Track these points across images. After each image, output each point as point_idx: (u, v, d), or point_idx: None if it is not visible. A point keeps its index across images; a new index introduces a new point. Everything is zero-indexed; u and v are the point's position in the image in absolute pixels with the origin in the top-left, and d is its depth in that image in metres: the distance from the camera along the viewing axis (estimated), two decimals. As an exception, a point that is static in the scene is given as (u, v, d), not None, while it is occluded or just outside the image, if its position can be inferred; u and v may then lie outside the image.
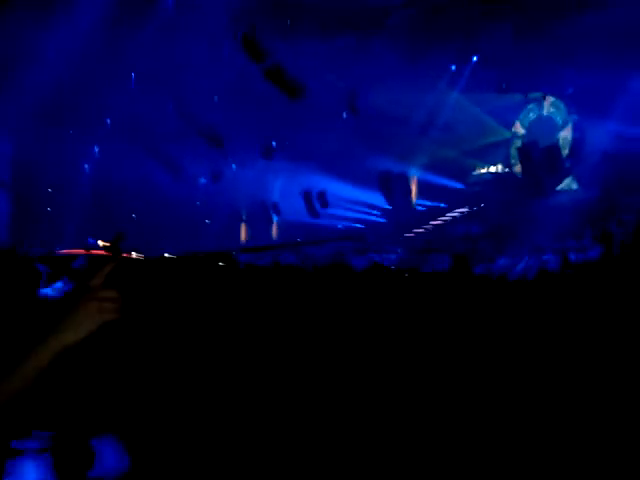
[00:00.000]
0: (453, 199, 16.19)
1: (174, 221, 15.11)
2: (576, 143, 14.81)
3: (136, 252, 10.29)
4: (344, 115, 14.52)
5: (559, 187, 14.83)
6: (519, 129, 15.96)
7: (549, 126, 15.37)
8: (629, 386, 3.55)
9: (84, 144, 15.29)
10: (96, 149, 16.09)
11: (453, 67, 15.01)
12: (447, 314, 4.74)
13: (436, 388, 3.81)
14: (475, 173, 16.73)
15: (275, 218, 17.45)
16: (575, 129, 14.90)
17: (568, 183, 14.91)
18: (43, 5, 11.41)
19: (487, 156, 16.31)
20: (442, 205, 16.40)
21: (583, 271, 5.92)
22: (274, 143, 14.83)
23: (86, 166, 16.39)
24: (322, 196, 15.87)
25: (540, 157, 13.79)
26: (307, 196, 15.94)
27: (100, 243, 12.98)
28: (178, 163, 14.62)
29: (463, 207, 15.73)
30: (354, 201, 16.58)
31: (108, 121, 14.76)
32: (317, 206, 15.89)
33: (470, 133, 15.38)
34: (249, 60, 10.62)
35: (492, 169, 16.58)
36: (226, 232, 16.61)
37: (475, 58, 14.45)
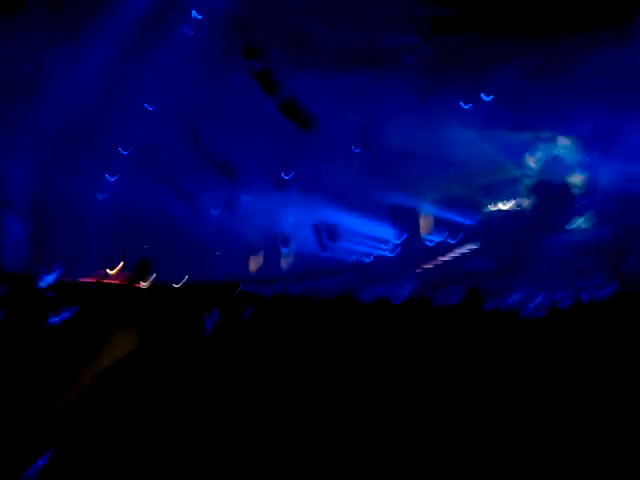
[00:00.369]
0: (463, 235, 16.14)
1: (185, 251, 15.14)
2: (588, 182, 14.79)
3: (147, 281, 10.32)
4: (356, 150, 14.64)
5: (571, 226, 14.76)
6: (529, 167, 15.98)
7: (560, 165, 15.39)
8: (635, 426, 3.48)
9: (98, 173, 15.45)
10: (110, 179, 16.25)
11: (466, 105, 15.13)
12: (457, 348, 4.68)
13: (443, 421, 3.75)
14: (485, 210, 16.71)
15: (285, 250, 17.46)
16: (587, 169, 14.89)
17: (581, 222, 14.85)
18: (62, 32, 11.64)
19: (498, 193, 16.31)
20: (451, 241, 16.36)
21: (595, 310, 5.85)
22: (285, 175, 14.95)
23: (100, 195, 16.55)
24: (332, 230, 15.91)
25: (552, 195, 13.78)
26: (317, 229, 15.98)
27: (110, 272, 13.02)
28: (191, 194, 14.73)
29: (471, 244, 15.67)
30: (364, 235, 16.58)
31: (122, 151, 14.95)
32: (326, 240, 15.92)
33: (481, 170, 15.42)
34: (262, 92, 10.76)
35: (503, 206, 16.56)
36: (236, 263, 16.60)
37: (488, 97, 14.57)
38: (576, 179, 14.97)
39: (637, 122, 12.69)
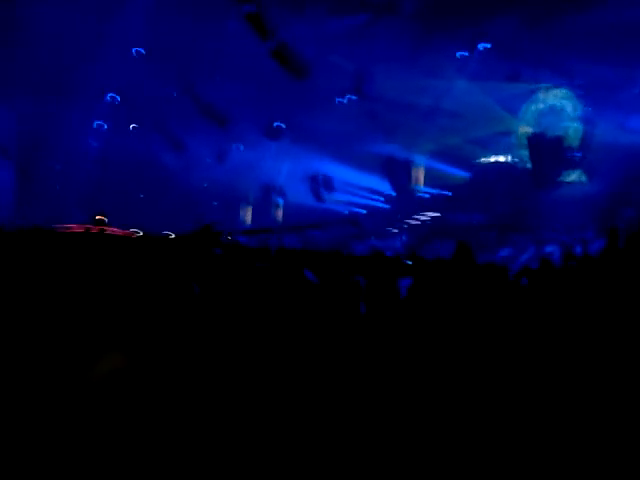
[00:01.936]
0: (457, 187, 16.11)
1: (180, 200, 15.08)
2: (585, 135, 14.68)
3: (136, 230, 10.30)
4: (350, 98, 14.41)
5: (567, 179, 14.73)
6: (527, 119, 15.82)
7: (558, 117, 15.23)
8: (630, 380, 3.54)
9: (89, 120, 15.23)
10: (103, 126, 16.02)
11: (462, 54, 14.85)
12: (449, 301, 4.72)
13: (438, 378, 3.81)
14: (481, 161, 16.62)
15: (280, 201, 17.41)
16: (584, 120, 14.75)
17: (578, 176, 14.80)
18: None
19: (493, 145, 16.19)
20: (446, 193, 16.34)
21: (586, 264, 5.89)
22: (279, 123, 14.74)
23: (93, 143, 16.34)
24: (327, 180, 15.83)
25: (549, 148, 13.69)
26: (313, 179, 15.90)
27: (97, 218, 12.95)
28: (184, 143, 14.57)
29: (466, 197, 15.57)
30: (357, 186, 16.52)
31: (112, 97, 14.67)
32: (322, 190, 15.85)
33: (477, 121, 15.25)
34: (255, 38, 10.51)
35: (498, 158, 16.47)
36: (231, 214, 16.59)
37: (484, 46, 14.29)
38: (572, 131, 14.85)
39: (634, 73, 12.54)
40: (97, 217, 11.63)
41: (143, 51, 13.64)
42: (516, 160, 15.85)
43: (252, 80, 13.21)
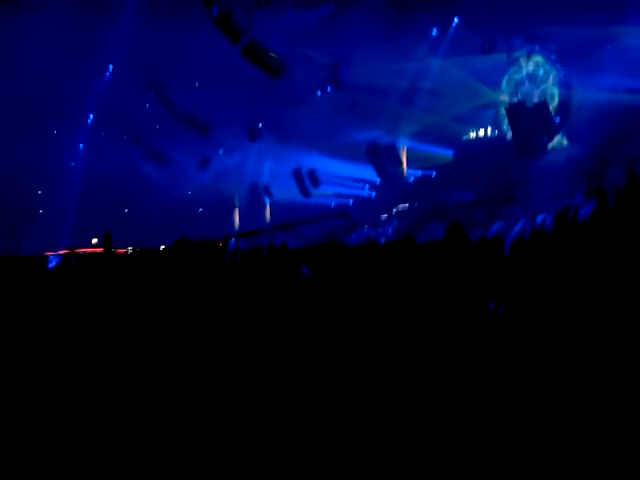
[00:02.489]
0: (443, 166, 16.07)
1: (167, 212, 14.99)
2: (563, 99, 14.64)
3: (132, 247, 10.21)
4: (326, 89, 14.32)
5: (550, 145, 14.70)
6: (505, 89, 15.77)
7: (534, 84, 15.19)
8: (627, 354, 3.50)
9: (69, 141, 15.10)
10: (81, 145, 15.89)
11: (434, 32, 14.79)
12: (446, 283, 4.68)
13: (438, 366, 3.76)
14: (465, 138, 16.58)
15: (267, 200, 17.33)
16: (561, 84, 14.71)
17: (559, 140, 14.78)
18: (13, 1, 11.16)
19: (476, 120, 16.15)
20: (432, 173, 16.29)
21: (578, 229, 5.85)
22: (259, 124, 14.65)
23: (73, 163, 16.20)
24: (312, 174, 15.74)
25: (529, 116, 13.64)
26: (297, 175, 15.82)
27: (94, 241, 12.86)
28: (165, 152, 14.45)
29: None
30: (344, 177, 16.46)
31: (90, 115, 14.56)
32: (308, 184, 15.77)
33: (456, 98, 15.20)
34: (226, 40, 10.40)
35: (482, 133, 16.43)
36: (219, 219, 16.51)
37: (456, 20, 14.23)
38: (549, 97, 14.81)
39: (611, 34, 12.50)
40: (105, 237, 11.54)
41: (111, 68, 13.54)
42: (498, 133, 15.82)
43: (228, 83, 13.13)
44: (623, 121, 12.27)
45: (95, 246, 11.13)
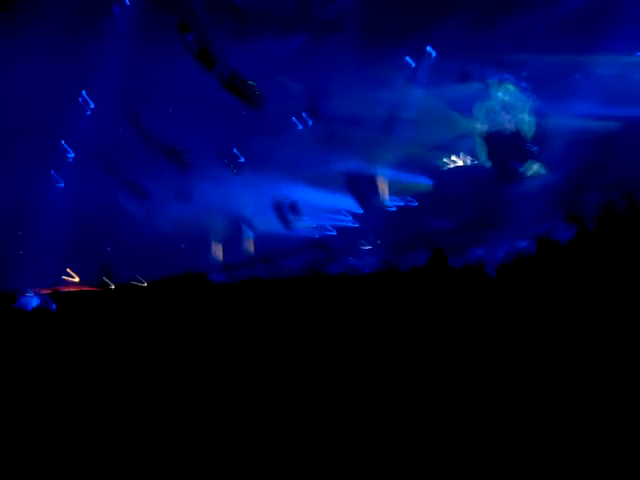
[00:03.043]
0: (424, 196, 16.18)
1: (148, 248, 14.82)
2: (538, 126, 14.92)
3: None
4: (304, 120, 14.44)
5: (527, 173, 14.91)
6: (480, 118, 16.04)
7: (508, 111, 15.47)
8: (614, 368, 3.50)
9: (43, 175, 14.89)
10: (60, 183, 15.70)
11: (410, 60, 15.04)
12: (430, 309, 4.67)
13: (430, 383, 3.73)
14: (443, 167, 16.75)
15: (249, 233, 17.26)
16: (536, 112, 15.01)
17: (536, 169, 15.00)
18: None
19: (454, 149, 16.35)
20: (414, 203, 16.39)
21: (557, 253, 5.91)
22: (238, 155, 14.68)
23: (50, 198, 15.99)
24: (293, 205, 15.75)
25: (505, 144, 13.87)
26: (278, 207, 15.81)
27: (73, 278, 12.67)
28: (143, 187, 14.36)
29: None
30: (326, 207, 16.49)
31: (67, 149, 14.43)
32: (289, 216, 15.77)
33: (434, 127, 15.42)
34: (202, 68, 10.47)
35: (460, 161, 16.63)
36: (200, 253, 16.36)
37: (429, 49, 14.50)
38: (525, 125, 15.08)
39: (575, 59, 12.86)
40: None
41: (90, 100, 13.48)
42: (476, 161, 16.02)
43: (206, 112, 13.15)
44: (597, 148, 12.54)
45: (79, 284, 10.98)
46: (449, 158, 16.73)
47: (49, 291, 9.37)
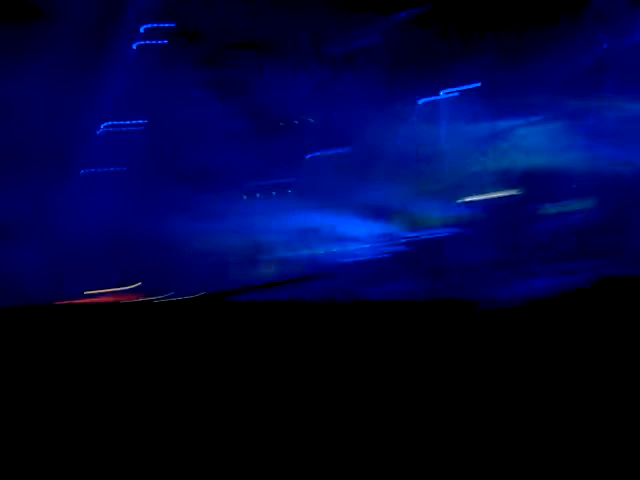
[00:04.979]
0: (444, 230, 16.22)
1: (171, 267, 15.00)
2: (562, 166, 14.94)
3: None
4: (326, 150, 14.72)
5: (553, 210, 14.89)
6: (497, 157, 16.08)
7: (533, 149, 15.53)
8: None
9: (66, 197, 15.03)
10: (81, 201, 15.87)
11: (426, 97, 15.22)
12: (444, 345, 4.75)
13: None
14: (462, 201, 16.78)
15: (271, 257, 17.39)
16: (558, 152, 15.04)
17: (565, 206, 14.96)
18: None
19: (475, 184, 16.41)
20: (436, 235, 16.42)
21: (574, 294, 5.96)
22: (268, 184, 14.93)
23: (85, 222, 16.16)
24: (316, 231, 15.92)
25: (532, 182, 13.94)
26: (301, 232, 15.99)
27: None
28: (172, 211, 14.62)
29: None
30: (348, 235, 16.60)
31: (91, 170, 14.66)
32: (315, 242, 15.93)
33: (455, 163, 15.55)
34: (222, 100, 10.77)
35: (481, 197, 16.66)
36: (221, 274, 16.52)
37: (466, 87, 14.68)
38: (554, 162, 15.11)
39: (608, 102, 12.95)
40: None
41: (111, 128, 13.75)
42: (499, 196, 16.03)
43: (228, 141, 13.45)
44: (617, 190, 12.58)
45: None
46: (470, 193, 16.78)
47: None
